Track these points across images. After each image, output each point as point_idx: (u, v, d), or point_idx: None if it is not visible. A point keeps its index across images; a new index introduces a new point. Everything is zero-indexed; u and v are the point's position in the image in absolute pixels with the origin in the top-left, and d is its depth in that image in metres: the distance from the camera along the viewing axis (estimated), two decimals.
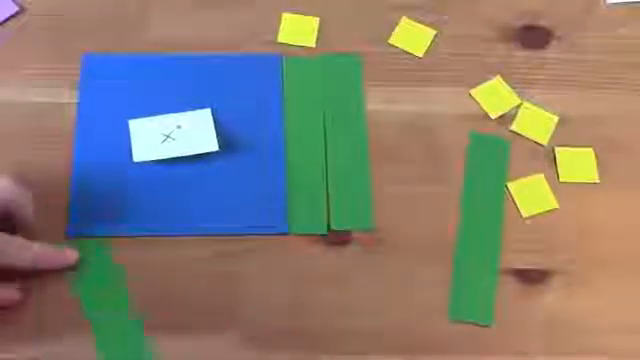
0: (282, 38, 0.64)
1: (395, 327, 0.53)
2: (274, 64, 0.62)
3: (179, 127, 0.58)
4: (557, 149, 0.60)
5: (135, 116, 0.59)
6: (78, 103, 0.60)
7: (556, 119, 0.61)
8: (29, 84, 0.61)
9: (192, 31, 0.64)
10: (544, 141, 0.60)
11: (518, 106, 0.62)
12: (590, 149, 0.60)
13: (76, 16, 0.64)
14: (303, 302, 0.54)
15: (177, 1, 0.65)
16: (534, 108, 0.61)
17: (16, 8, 0.64)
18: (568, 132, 0.61)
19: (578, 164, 0.59)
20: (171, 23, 0.64)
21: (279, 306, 0.54)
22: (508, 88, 0.62)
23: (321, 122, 0.60)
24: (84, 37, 0.63)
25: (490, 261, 0.55)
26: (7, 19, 0.63)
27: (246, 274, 0.55)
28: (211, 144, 0.58)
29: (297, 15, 0.65)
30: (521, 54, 0.64)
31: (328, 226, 0.56)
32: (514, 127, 0.61)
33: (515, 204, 0.58)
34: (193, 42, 0.63)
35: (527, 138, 0.60)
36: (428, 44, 0.64)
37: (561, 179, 0.59)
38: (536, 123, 0.61)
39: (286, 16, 0.65)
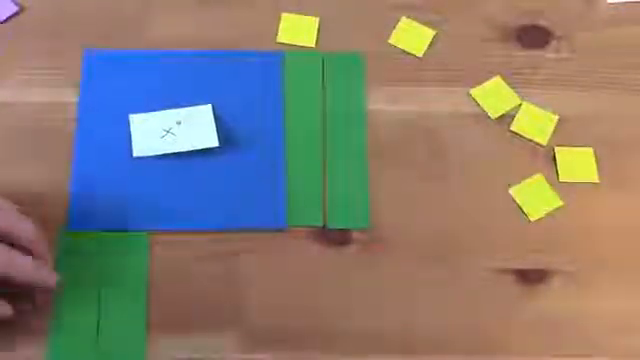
0: (282, 38, 0.64)
1: (395, 327, 0.53)
2: (275, 61, 0.62)
3: (179, 123, 0.59)
4: (557, 149, 0.60)
5: (136, 111, 0.59)
6: (79, 98, 0.60)
7: (556, 119, 0.61)
8: (29, 84, 0.61)
9: (192, 30, 0.64)
10: (544, 141, 0.60)
11: (518, 106, 0.62)
12: (590, 149, 0.60)
13: (76, 16, 0.64)
14: (303, 302, 0.54)
15: (177, 0, 0.65)
16: (534, 108, 0.61)
17: (16, 8, 0.64)
18: (568, 132, 0.61)
19: (578, 164, 0.59)
20: (171, 22, 0.64)
21: (279, 306, 0.54)
22: (508, 88, 0.62)
23: (321, 120, 0.61)
24: (84, 37, 0.63)
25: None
26: (7, 19, 0.63)
27: (246, 274, 0.55)
28: (211, 140, 0.58)
29: (297, 15, 0.65)
30: (521, 54, 0.64)
31: (325, 225, 0.57)
32: (514, 127, 0.61)
33: (521, 209, 0.58)
34: (193, 41, 0.63)
35: (527, 138, 0.60)
36: (428, 44, 0.64)
37: (560, 179, 0.59)
38: (536, 123, 0.61)
39: (286, 16, 0.65)
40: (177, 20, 0.64)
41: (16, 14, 0.64)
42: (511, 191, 0.58)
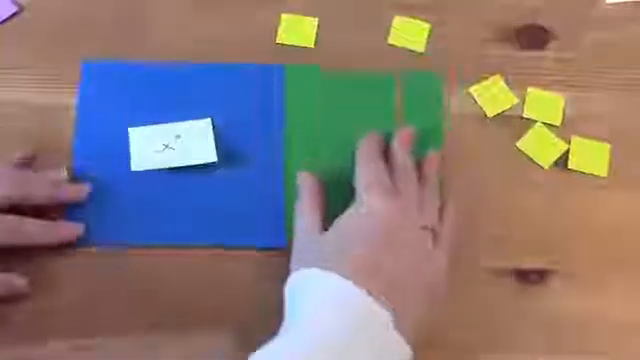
0: (281, 38, 0.64)
1: None
2: (276, 74, 0.61)
3: (178, 137, 0.58)
4: (573, 138, 0.60)
5: (135, 124, 0.58)
6: (77, 110, 0.59)
7: (563, 100, 0.62)
8: (28, 85, 0.61)
9: (192, 31, 0.64)
10: (557, 122, 0.61)
11: (516, 105, 0.62)
12: (607, 144, 0.60)
13: (76, 16, 0.64)
14: None
15: (177, 2, 0.65)
16: (541, 93, 0.62)
17: (16, 8, 0.64)
18: (567, 132, 0.61)
19: (590, 156, 0.59)
20: (171, 24, 0.64)
21: (279, 306, 0.54)
22: (506, 87, 0.62)
23: (322, 134, 0.60)
24: (84, 38, 0.63)
25: None
26: (7, 19, 0.63)
27: (245, 274, 0.55)
28: (210, 155, 0.57)
29: (297, 15, 0.65)
30: (520, 54, 0.64)
31: None
32: (525, 113, 0.61)
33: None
34: (192, 42, 0.63)
35: (537, 124, 0.61)
36: (426, 37, 0.64)
37: (570, 166, 0.59)
38: (544, 107, 0.61)
39: (286, 16, 0.65)
40: (177, 22, 0.64)
41: (16, 14, 0.64)
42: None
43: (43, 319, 0.52)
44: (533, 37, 0.65)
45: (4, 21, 0.63)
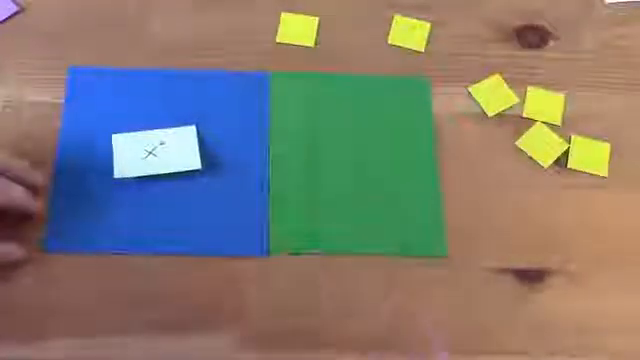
0: (281, 38, 0.64)
1: (394, 327, 0.53)
2: (261, 82, 0.61)
3: (162, 143, 0.57)
4: (573, 137, 0.60)
5: (119, 130, 0.58)
6: (62, 115, 0.59)
7: (563, 98, 0.62)
8: (28, 84, 0.61)
9: (192, 31, 0.64)
10: (558, 121, 0.61)
11: (516, 104, 0.62)
12: (606, 144, 0.60)
13: (76, 16, 0.64)
14: (303, 302, 0.54)
15: (177, 1, 0.65)
16: (541, 91, 0.62)
17: (16, 8, 0.64)
18: (566, 132, 0.61)
19: (590, 155, 0.60)
20: (171, 23, 0.64)
21: (279, 306, 0.54)
22: (506, 87, 0.62)
23: (307, 142, 0.59)
24: (84, 37, 0.63)
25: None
26: (7, 19, 0.63)
27: (246, 274, 0.55)
28: (194, 162, 0.57)
29: (297, 15, 0.65)
30: (520, 54, 0.64)
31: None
32: (525, 113, 0.61)
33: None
34: (193, 42, 0.63)
35: (537, 123, 0.61)
36: (426, 37, 0.64)
37: (569, 165, 0.59)
38: (545, 106, 0.61)
39: (286, 16, 0.65)
40: (177, 22, 0.64)
41: (16, 14, 0.64)
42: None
43: (43, 319, 0.52)
44: (533, 37, 0.65)
45: (4, 21, 0.63)
